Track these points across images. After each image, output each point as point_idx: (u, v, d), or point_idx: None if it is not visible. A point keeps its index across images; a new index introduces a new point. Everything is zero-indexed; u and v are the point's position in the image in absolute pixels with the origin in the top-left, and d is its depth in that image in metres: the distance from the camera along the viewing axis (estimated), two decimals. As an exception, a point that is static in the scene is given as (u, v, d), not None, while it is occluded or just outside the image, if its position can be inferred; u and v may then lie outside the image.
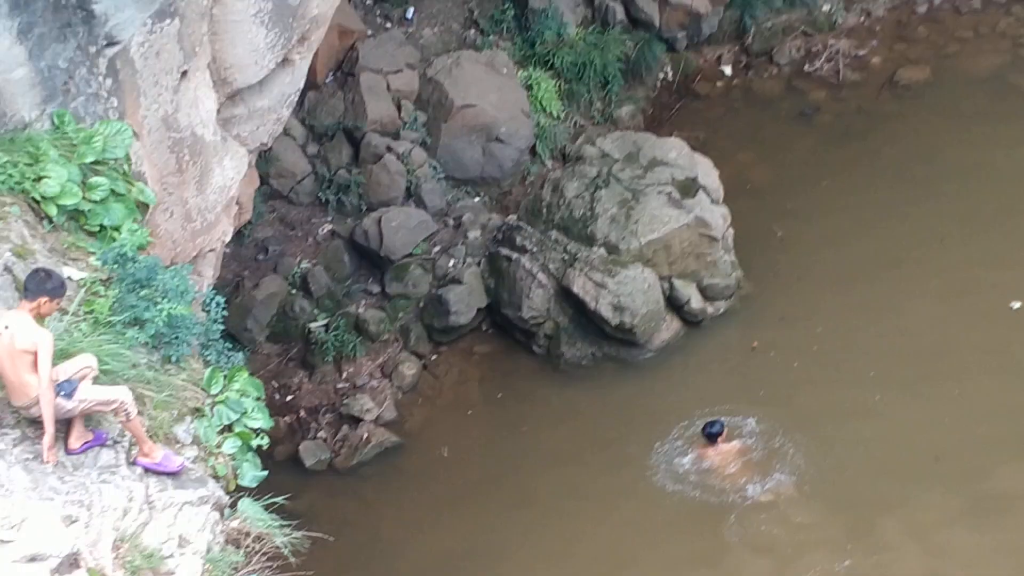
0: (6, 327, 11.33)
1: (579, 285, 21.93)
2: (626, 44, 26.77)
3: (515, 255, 22.63)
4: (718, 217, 22.80)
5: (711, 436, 20.21)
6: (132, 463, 12.18)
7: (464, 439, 21.68)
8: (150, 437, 12.27)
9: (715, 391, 21.42)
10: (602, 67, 25.99)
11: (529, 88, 25.32)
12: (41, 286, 11.46)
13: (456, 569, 19.28)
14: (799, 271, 23.13)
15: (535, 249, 22.59)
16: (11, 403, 11.66)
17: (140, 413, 12.13)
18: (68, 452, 11.89)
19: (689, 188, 22.79)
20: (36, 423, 11.59)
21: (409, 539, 19.95)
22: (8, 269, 12.92)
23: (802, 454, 20.18)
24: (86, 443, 12.00)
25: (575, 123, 25.79)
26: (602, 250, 22.28)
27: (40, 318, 11.52)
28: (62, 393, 11.52)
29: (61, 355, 11.76)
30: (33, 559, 10.21)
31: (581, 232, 22.62)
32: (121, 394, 11.79)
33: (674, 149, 23.48)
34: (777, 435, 20.46)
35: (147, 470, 12.17)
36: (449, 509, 20.37)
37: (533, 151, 25.00)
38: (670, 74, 27.68)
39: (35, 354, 11.24)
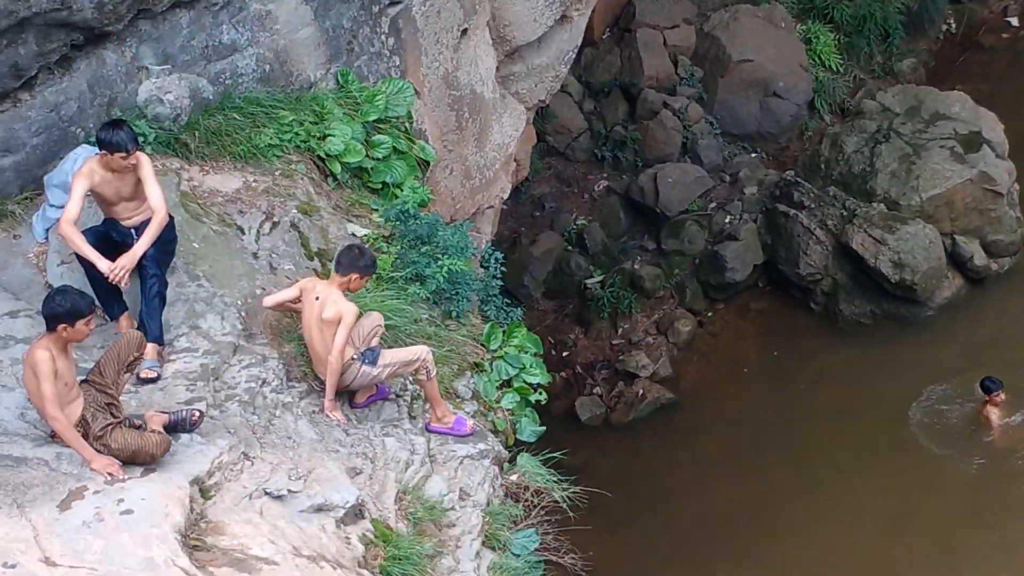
0: (316, 297, 11.64)
1: (858, 241, 21.55)
2: (908, -5, 26.21)
3: (792, 211, 22.34)
4: (1003, 172, 22.15)
5: (987, 390, 19.65)
6: (425, 427, 12.43)
7: (739, 397, 21.51)
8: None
9: (1000, 350, 20.82)
10: (883, 19, 25.43)
11: (807, 42, 24.97)
12: (354, 263, 11.70)
13: (731, 526, 19.17)
14: (1090, 226, 22.37)
15: (813, 205, 22.27)
16: (318, 374, 11.97)
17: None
18: (353, 406, 12.16)
19: (973, 143, 22.20)
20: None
21: (684, 496, 19.90)
22: (295, 225, 13.25)
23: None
24: (370, 396, 12.25)
25: (854, 77, 25.33)
26: (882, 206, 21.85)
27: (349, 292, 11.79)
28: (366, 361, 11.77)
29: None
30: (320, 509, 10.46)
31: (860, 188, 22.21)
32: (422, 353, 11.98)
33: (957, 103, 22.89)
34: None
35: (433, 432, 12.40)
36: (724, 466, 20.26)
37: (811, 106, 24.67)
38: (953, 26, 27.02)
39: (338, 324, 11.53)
